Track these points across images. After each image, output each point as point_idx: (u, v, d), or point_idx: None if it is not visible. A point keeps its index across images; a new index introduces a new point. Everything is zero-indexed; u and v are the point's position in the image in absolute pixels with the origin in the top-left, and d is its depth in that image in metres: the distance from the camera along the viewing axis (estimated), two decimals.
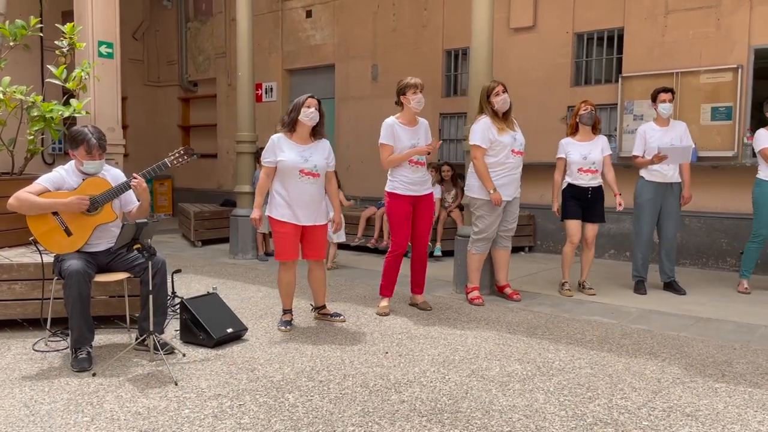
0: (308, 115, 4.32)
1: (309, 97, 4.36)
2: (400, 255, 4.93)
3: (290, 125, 4.36)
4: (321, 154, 4.43)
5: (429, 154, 4.85)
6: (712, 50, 6.82)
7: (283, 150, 4.34)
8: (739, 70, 6.60)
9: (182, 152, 4.04)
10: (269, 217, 4.44)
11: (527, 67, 8.04)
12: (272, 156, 4.35)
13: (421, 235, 5.00)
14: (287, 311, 4.59)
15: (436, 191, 7.63)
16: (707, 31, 6.84)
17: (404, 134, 4.81)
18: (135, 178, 3.81)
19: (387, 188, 4.91)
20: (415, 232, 4.99)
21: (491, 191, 5.05)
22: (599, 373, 3.58)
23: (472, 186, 5.22)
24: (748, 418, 2.97)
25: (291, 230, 4.38)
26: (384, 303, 4.98)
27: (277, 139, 4.38)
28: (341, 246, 8.03)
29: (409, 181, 4.83)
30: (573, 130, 5.60)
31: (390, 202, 4.90)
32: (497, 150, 5.08)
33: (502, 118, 5.12)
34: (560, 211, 5.58)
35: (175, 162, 4.00)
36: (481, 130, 5.08)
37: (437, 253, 7.44)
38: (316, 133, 4.44)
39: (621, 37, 7.49)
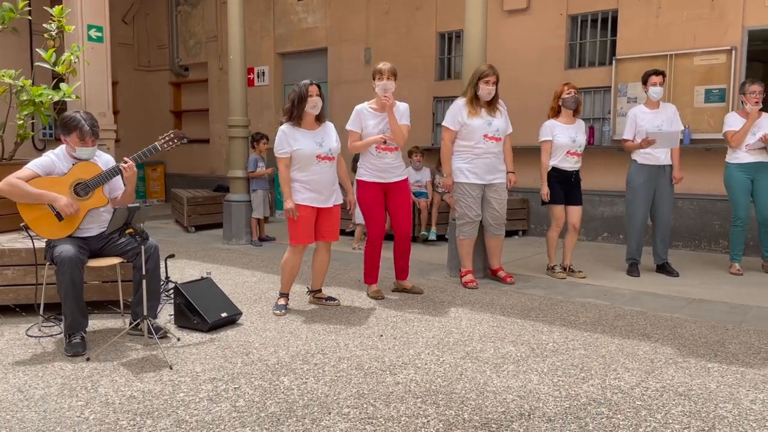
0: (314, 105, 4.34)
1: (310, 85, 4.34)
2: (377, 243, 4.90)
3: (298, 118, 4.36)
4: (331, 137, 4.47)
5: (385, 142, 4.71)
6: (706, 32, 6.80)
7: (297, 139, 4.34)
8: (733, 52, 6.59)
9: (172, 136, 4.02)
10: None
11: (521, 50, 8.00)
12: (287, 147, 4.35)
13: (399, 221, 4.92)
14: (284, 295, 4.59)
15: (426, 174, 7.63)
16: (701, 12, 6.82)
17: (371, 120, 4.75)
18: (125, 161, 3.78)
19: (356, 176, 4.91)
20: (392, 220, 4.95)
21: (444, 174, 5.21)
22: (593, 354, 3.60)
23: (453, 171, 5.24)
24: (740, 396, 3.00)
25: (309, 214, 4.41)
26: (373, 288, 4.98)
27: (288, 129, 4.37)
28: None
29: (375, 168, 4.78)
30: (555, 113, 5.57)
31: (359, 189, 4.88)
32: (467, 133, 5.10)
33: (485, 104, 5.10)
34: (548, 195, 5.56)
35: (166, 146, 3.97)
36: (451, 113, 5.16)
37: (432, 237, 7.43)
38: (320, 116, 4.44)
39: (615, 19, 7.46)
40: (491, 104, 5.12)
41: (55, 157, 3.79)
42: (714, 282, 5.47)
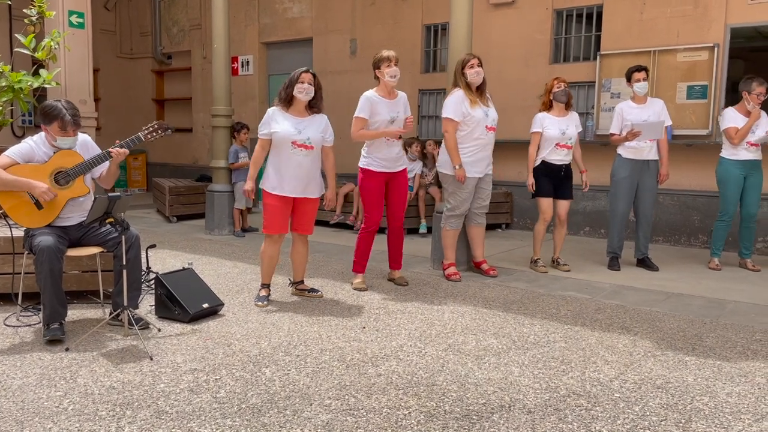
0: (302, 91, 4.29)
1: (303, 72, 4.32)
2: (373, 232, 4.92)
3: (286, 100, 4.34)
4: (317, 127, 4.40)
5: (400, 137, 4.80)
6: (689, 28, 6.85)
7: (278, 122, 4.31)
8: (716, 49, 6.65)
9: (156, 126, 3.97)
10: (261, 189, 4.41)
11: (506, 44, 8.01)
12: (267, 128, 4.33)
13: (396, 211, 4.97)
14: (265, 286, 4.57)
15: (417, 167, 7.64)
16: (685, 9, 6.86)
17: (383, 107, 4.76)
18: (115, 145, 3.74)
19: (360, 164, 4.88)
20: (390, 209, 4.97)
21: (456, 167, 5.06)
22: (573, 347, 3.63)
23: (444, 162, 5.22)
24: (716, 389, 3.05)
25: (279, 203, 4.36)
26: (358, 279, 4.98)
27: (273, 111, 4.35)
28: (318, 223, 8.01)
29: (383, 157, 4.80)
30: (546, 107, 5.59)
31: (363, 179, 4.87)
32: (469, 125, 5.06)
33: (477, 92, 5.09)
34: (534, 186, 5.59)
35: (149, 136, 3.93)
36: (454, 103, 5.05)
37: (422, 230, 7.44)
38: (313, 107, 4.42)
39: (600, 15, 7.49)
40: (482, 94, 5.12)
41: (34, 144, 3.73)
42: (693, 277, 5.54)
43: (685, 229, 7.07)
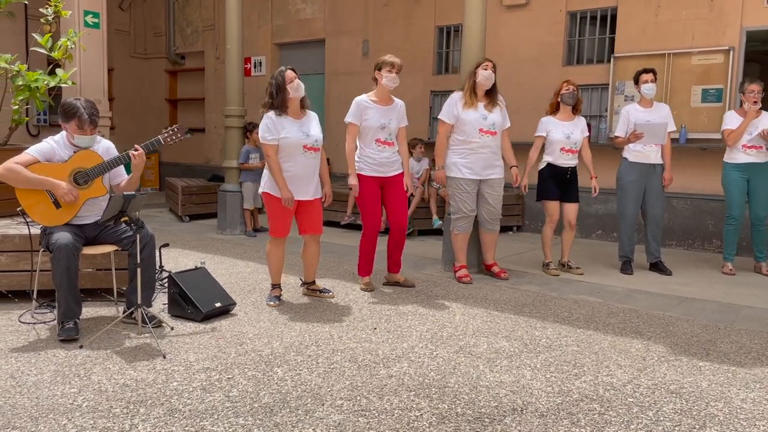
0: (294, 88, 4.27)
1: (286, 71, 4.28)
2: (373, 236, 4.90)
3: (281, 105, 4.29)
4: (316, 127, 4.42)
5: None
6: (704, 32, 6.80)
7: (284, 127, 4.28)
8: (731, 52, 6.60)
9: (176, 129, 3.98)
10: (265, 193, 4.40)
11: (519, 45, 7.99)
12: (275, 134, 4.27)
13: (396, 215, 4.90)
14: (276, 286, 4.58)
15: (424, 164, 7.66)
16: (700, 12, 6.82)
17: (373, 113, 4.72)
18: (137, 149, 3.77)
19: (356, 169, 4.84)
20: (389, 214, 4.94)
21: (437, 168, 5.22)
22: (585, 351, 3.62)
23: (446, 165, 5.25)
24: (731, 395, 3.02)
25: (287, 207, 4.36)
26: (365, 280, 4.99)
27: (274, 116, 4.30)
28: (329, 224, 8.03)
29: (374, 162, 4.76)
30: (553, 110, 5.59)
31: (358, 183, 4.84)
32: (462, 127, 5.08)
33: (485, 96, 5.09)
34: (527, 188, 5.60)
35: (168, 139, 3.95)
36: (447, 106, 5.14)
37: (436, 225, 7.43)
38: (303, 103, 4.41)
39: (614, 17, 7.45)
40: (490, 97, 5.10)
41: (55, 144, 3.76)
42: (706, 281, 5.50)
43: (698, 233, 7.01)
